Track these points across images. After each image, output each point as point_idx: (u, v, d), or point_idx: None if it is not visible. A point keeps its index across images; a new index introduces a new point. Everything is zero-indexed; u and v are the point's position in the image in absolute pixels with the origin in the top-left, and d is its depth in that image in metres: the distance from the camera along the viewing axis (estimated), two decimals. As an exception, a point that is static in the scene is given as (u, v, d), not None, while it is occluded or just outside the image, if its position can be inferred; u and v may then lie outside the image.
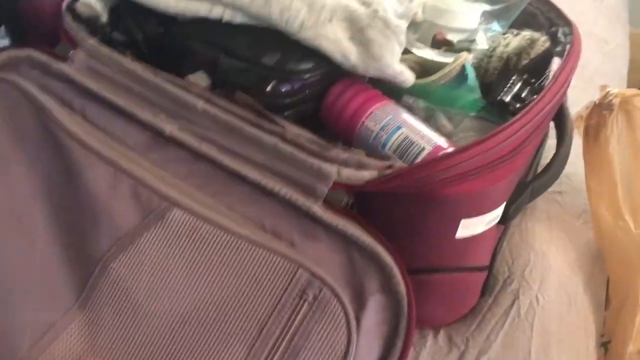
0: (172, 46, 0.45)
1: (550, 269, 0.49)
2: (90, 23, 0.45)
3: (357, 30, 0.41)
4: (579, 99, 0.65)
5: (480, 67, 0.48)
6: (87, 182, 0.39)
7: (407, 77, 0.42)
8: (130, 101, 0.41)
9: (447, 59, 0.47)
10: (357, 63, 0.41)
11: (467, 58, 0.45)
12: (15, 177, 0.40)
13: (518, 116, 0.40)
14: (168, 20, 0.45)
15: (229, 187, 0.39)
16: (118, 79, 0.42)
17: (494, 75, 0.47)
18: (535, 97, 0.45)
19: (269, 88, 0.41)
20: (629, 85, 0.84)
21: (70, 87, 0.42)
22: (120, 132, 0.41)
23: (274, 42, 0.42)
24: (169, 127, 0.40)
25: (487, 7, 0.49)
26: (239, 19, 0.43)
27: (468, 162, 0.37)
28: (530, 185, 0.43)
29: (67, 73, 0.42)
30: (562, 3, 0.89)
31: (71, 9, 0.46)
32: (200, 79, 0.44)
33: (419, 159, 0.39)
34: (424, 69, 0.48)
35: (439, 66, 0.47)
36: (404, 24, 0.41)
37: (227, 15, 0.43)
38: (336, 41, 0.41)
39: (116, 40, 0.45)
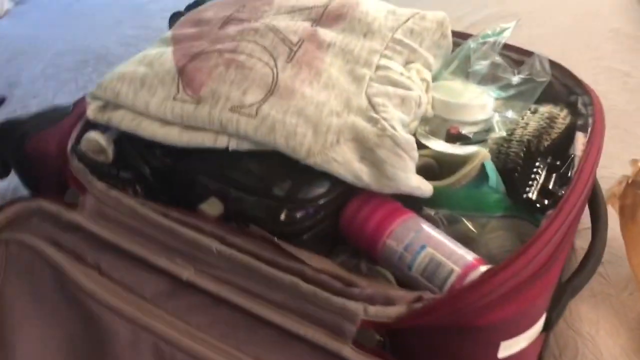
0: (180, 178, 0.44)
1: (601, 358, 0.46)
2: (96, 163, 0.44)
3: (367, 150, 0.39)
4: (606, 149, 0.62)
5: (500, 153, 0.46)
6: (107, 342, 0.37)
7: (425, 189, 0.40)
8: (144, 246, 0.40)
9: (465, 151, 0.45)
10: (371, 182, 0.39)
11: (486, 156, 0.42)
12: (35, 339, 0.39)
13: (549, 221, 0.38)
14: (174, 150, 0.44)
15: (253, 333, 0.37)
16: (130, 223, 0.41)
17: (515, 161, 0.45)
18: (563, 188, 0.42)
19: (282, 217, 0.40)
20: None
21: (83, 238, 0.41)
22: (137, 282, 0.39)
23: (284, 167, 0.41)
24: (186, 273, 0.39)
25: (500, 94, 0.47)
26: (245, 146, 0.42)
27: (502, 285, 0.34)
28: (569, 286, 0.41)
29: (79, 222, 0.41)
30: (576, 40, 0.86)
31: (76, 150, 0.45)
32: (212, 206, 0.43)
33: (449, 283, 0.37)
34: (442, 162, 0.46)
35: (457, 159, 0.45)
36: (413, 138, 0.39)
37: (233, 144, 0.42)
38: (346, 163, 0.39)
39: (124, 179, 0.44)
